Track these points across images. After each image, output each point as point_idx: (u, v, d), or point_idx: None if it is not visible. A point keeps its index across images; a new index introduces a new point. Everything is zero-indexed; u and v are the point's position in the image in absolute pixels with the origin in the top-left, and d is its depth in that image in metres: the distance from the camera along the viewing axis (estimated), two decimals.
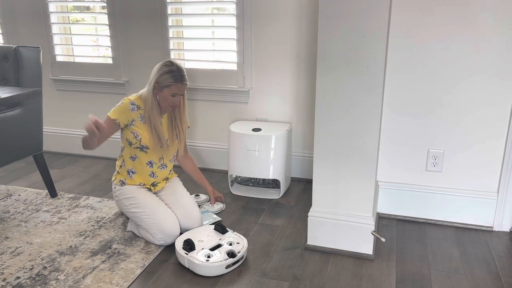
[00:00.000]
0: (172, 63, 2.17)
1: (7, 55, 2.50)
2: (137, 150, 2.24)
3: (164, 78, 2.14)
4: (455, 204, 2.38)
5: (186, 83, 2.19)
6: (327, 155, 2.06)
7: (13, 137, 2.46)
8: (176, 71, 2.15)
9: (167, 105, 2.20)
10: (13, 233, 2.33)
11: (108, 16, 3.14)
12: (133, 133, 2.21)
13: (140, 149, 2.23)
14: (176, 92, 2.16)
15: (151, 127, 2.20)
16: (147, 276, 1.98)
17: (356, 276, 1.97)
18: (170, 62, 2.18)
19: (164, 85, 2.15)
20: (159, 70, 2.16)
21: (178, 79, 2.15)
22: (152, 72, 2.19)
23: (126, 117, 2.19)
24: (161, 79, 2.14)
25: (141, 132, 2.21)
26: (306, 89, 2.87)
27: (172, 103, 2.19)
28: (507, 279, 1.95)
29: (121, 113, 2.18)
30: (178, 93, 2.17)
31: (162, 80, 2.14)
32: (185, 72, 2.19)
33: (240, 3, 2.81)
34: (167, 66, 2.16)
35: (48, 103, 3.43)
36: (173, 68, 2.15)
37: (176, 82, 2.14)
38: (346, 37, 1.88)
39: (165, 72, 2.14)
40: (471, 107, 2.24)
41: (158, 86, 2.16)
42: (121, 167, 2.30)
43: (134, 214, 2.22)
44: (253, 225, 2.43)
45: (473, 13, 2.11)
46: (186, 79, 2.19)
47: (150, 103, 2.18)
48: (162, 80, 2.14)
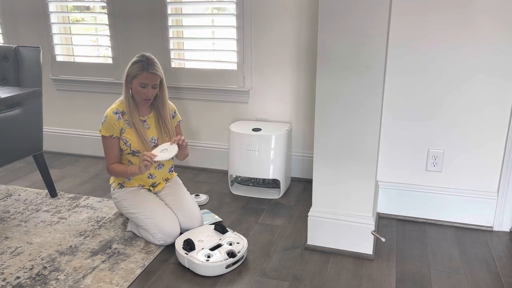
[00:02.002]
0: (144, 54, 2.17)
1: (7, 55, 2.50)
2: (130, 155, 2.24)
3: (132, 68, 2.15)
4: (455, 204, 2.38)
5: (154, 72, 2.14)
6: (327, 155, 2.06)
7: (13, 137, 2.46)
8: (145, 60, 2.14)
9: (140, 98, 2.18)
10: (13, 233, 2.33)
11: (108, 16, 3.14)
12: (123, 139, 2.22)
13: (132, 154, 2.24)
14: (144, 81, 2.13)
15: (135, 128, 2.20)
16: (147, 276, 1.98)
17: (356, 276, 1.98)
18: (142, 54, 2.18)
19: (133, 76, 2.14)
20: (130, 62, 2.17)
21: (145, 68, 2.13)
22: None
23: (116, 128, 2.19)
24: (130, 70, 2.15)
25: (130, 138, 2.21)
26: (306, 89, 2.87)
27: (144, 95, 2.16)
28: (507, 279, 1.95)
29: (110, 127, 2.18)
30: (147, 83, 2.14)
31: (131, 71, 2.15)
32: (155, 63, 2.16)
33: (240, 3, 2.81)
34: (137, 57, 2.17)
35: (48, 103, 3.43)
36: (142, 58, 2.15)
37: (143, 70, 2.12)
38: (346, 37, 1.88)
39: (134, 62, 2.15)
40: (471, 107, 2.24)
41: (129, 79, 2.17)
42: None
43: (133, 215, 2.23)
44: (253, 225, 2.43)
45: (473, 15, 2.11)
46: (154, 68, 2.15)
47: (126, 101, 2.19)
48: (131, 71, 2.15)
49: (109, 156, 2.23)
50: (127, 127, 2.21)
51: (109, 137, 2.19)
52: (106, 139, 2.21)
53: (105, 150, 2.24)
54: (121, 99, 2.25)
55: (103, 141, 2.23)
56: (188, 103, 3.15)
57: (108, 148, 2.22)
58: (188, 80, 3.10)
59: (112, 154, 2.23)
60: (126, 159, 2.26)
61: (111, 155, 2.23)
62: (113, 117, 2.19)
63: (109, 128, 2.19)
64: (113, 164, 2.24)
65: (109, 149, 2.22)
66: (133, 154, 2.24)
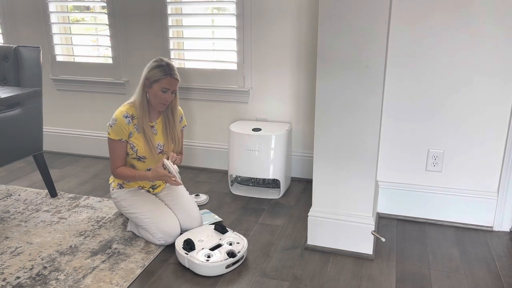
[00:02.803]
0: (162, 59, 2.15)
1: (7, 55, 2.50)
2: (135, 160, 2.23)
3: (153, 73, 2.11)
4: (455, 204, 2.38)
5: (176, 77, 2.15)
6: (327, 155, 2.06)
7: (13, 137, 2.46)
8: (166, 65, 2.12)
9: (158, 103, 2.15)
10: (13, 233, 2.33)
11: (108, 16, 3.14)
12: (130, 144, 2.19)
13: (137, 159, 2.22)
14: (166, 86, 2.12)
15: (144, 134, 2.18)
16: (147, 276, 1.98)
17: (356, 276, 1.98)
18: (160, 59, 2.16)
19: (154, 80, 2.11)
20: (149, 66, 2.14)
21: (168, 73, 2.11)
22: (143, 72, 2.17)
23: (126, 132, 2.16)
24: (150, 74, 2.12)
25: (137, 143, 2.19)
26: (306, 89, 2.87)
27: (164, 100, 2.15)
28: (507, 279, 1.95)
29: (120, 131, 2.15)
30: (168, 88, 2.13)
31: (151, 75, 2.11)
32: (175, 68, 2.16)
33: (240, 3, 2.81)
34: (156, 62, 2.14)
35: (48, 103, 3.44)
36: (162, 63, 2.13)
37: (166, 75, 2.11)
38: (346, 37, 1.88)
39: (155, 67, 2.12)
40: (471, 107, 2.24)
41: (148, 83, 2.13)
42: None
43: (133, 215, 2.22)
44: (253, 225, 2.43)
45: (473, 15, 2.11)
46: (176, 74, 2.15)
47: (141, 105, 2.15)
48: (151, 75, 2.11)
49: (115, 160, 2.20)
50: (136, 131, 2.18)
51: (118, 141, 2.16)
52: (114, 142, 2.17)
53: (112, 153, 2.20)
54: (130, 101, 2.21)
55: (110, 144, 2.19)
56: (188, 103, 3.15)
57: (116, 152, 2.19)
58: (188, 80, 3.10)
59: (119, 157, 2.20)
60: (129, 163, 2.25)
61: (118, 158, 2.20)
62: (123, 121, 2.15)
63: (118, 132, 2.15)
64: (119, 167, 2.21)
65: (117, 153, 2.19)
66: (139, 159, 2.22)
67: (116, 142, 2.17)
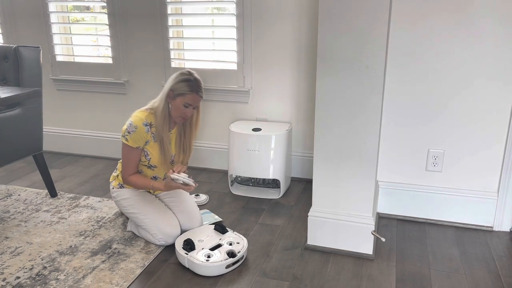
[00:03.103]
0: (191, 73, 2.11)
1: (7, 55, 2.50)
2: (144, 167, 2.22)
3: (180, 86, 2.07)
4: (455, 204, 2.38)
5: (202, 95, 2.11)
6: (327, 155, 2.06)
7: (13, 137, 2.46)
8: (194, 81, 2.08)
9: (178, 116, 2.12)
10: (13, 233, 2.33)
11: (108, 16, 3.14)
12: (145, 152, 2.17)
13: (148, 167, 2.21)
14: (190, 102, 2.09)
15: (160, 144, 2.14)
16: (147, 276, 1.98)
17: (356, 276, 1.98)
18: (189, 72, 2.11)
19: (179, 93, 2.07)
20: (177, 77, 2.09)
21: (194, 89, 2.07)
22: (167, 81, 2.13)
23: (143, 140, 2.13)
24: (176, 86, 2.07)
25: (152, 152, 2.16)
26: (306, 89, 2.87)
27: (184, 114, 2.11)
28: (507, 279, 1.95)
29: (139, 139, 2.11)
30: (191, 104, 2.10)
31: (177, 87, 2.07)
32: (202, 85, 2.12)
33: (240, 3, 2.81)
34: (185, 75, 2.09)
35: (48, 103, 3.44)
36: (191, 78, 2.08)
37: (192, 92, 2.07)
38: (346, 37, 1.88)
39: (182, 80, 2.08)
40: (471, 107, 2.24)
41: (172, 94, 2.08)
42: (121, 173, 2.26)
43: (133, 215, 2.22)
44: (253, 225, 2.43)
45: (474, 16, 2.11)
46: (202, 91, 2.11)
47: (162, 114, 2.10)
48: (177, 88, 2.07)
49: (129, 167, 2.16)
50: (152, 140, 2.15)
51: (135, 149, 2.12)
52: (130, 149, 2.12)
53: (126, 161, 2.15)
54: (149, 108, 2.16)
55: (126, 151, 2.13)
56: None
57: (131, 159, 2.14)
58: None
59: (133, 165, 2.16)
60: (140, 168, 2.22)
61: (132, 166, 2.16)
62: (143, 129, 2.10)
63: (137, 140, 2.10)
64: (132, 175, 2.17)
65: (131, 160, 2.14)
66: (149, 167, 2.21)
67: (133, 150, 2.12)
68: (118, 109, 3.36)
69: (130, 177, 2.18)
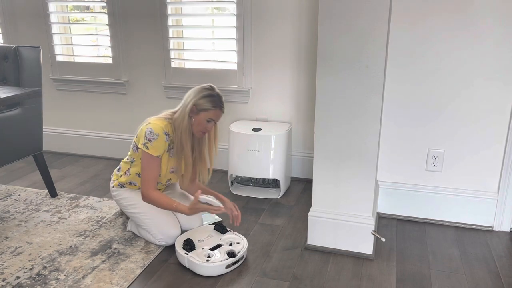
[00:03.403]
0: (213, 88, 2.11)
1: (7, 55, 2.50)
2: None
3: (204, 101, 2.06)
4: (455, 204, 2.38)
5: (224, 110, 2.12)
6: (327, 155, 2.06)
7: (13, 137, 2.46)
8: (216, 96, 2.09)
9: (198, 131, 2.11)
10: (13, 233, 2.33)
11: (108, 16, 3.14)
12: None
13: None
14: (213, 117, 2.09)
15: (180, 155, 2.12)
16: (147, 276, 1.98)
17: (356, 276, 1.98)
18: (211, 87, 2.11)
19: (202, 109, 2.06)
20: (199, 92, 2.08)
21: (218, 105, 2.08)
22: (187, 94, 2.11)
23: (163, 149, 2.11)
24: (200, 101, 2.06)
25: (163, 162, 2.15)
26: (306, 89, 2.87)
27: (205, 129, 2.11)
28: (507, 279, 1.95)
29: (160, 147, 2.08)
30: (213, 120, 2.11)
31: (201, 103, 2.06)
32: (223, 100, 2.12)
33: (240, 3, 2.81)
34: (208, 90, 2.09)
35: (48, 103, 3.44)
36: (214, 93, 2.09)
37: (216, 107, 2.08)
38: (346, 37, 1.88)
39: (206, 95, 2.07)
40: (471, 107, 2.24)
41: (195, 109, 2.07)
42: (125, 174, 2.25)
43: (134, 214, 2.22)
44: (253, 225, 2.43)
45: (473, 16, 2.11)
46: (224, 106, 2.12)
47: (186, 129, 2.08)
48: (201, 103, 2.06)
49: (150, 180, 2.09)
50: (166, 151, 2.13)
51: (156, 158, 2.08)
52: (151, 158, 2.07)
53: (148, 172, 2.09)
54: (167, 117, 2.13)
55: (148, 160, 2.07)
56: None
57: (152, 170, 2.09)
58: (188, 80, 3.10)
59: (154, 177, 2.10)
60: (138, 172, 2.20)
61: (153, 178, 2.10)
62: (163, 138, 2.07)
63: (159, 148, 2.07)
64: (154, 191, 2.11)
65: (153, 171, 2.09)
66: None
67: (154, 159, 2.08)
68: (118, 109, 3.36)
69: (152, 193, 2.11)
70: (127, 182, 2.25)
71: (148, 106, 3.26)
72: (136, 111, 3.31)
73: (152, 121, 2.11)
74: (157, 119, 2.13)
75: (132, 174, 2.22)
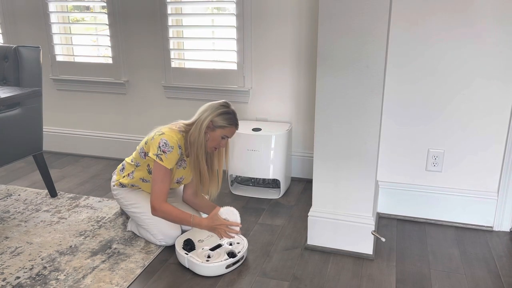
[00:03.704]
0: (229, 105, 2.12)
1: (7, 55, 2.50)
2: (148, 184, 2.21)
3: (221, 118, 2.06)
4: (455, 204, 2.38)
5: (238, 127, 2.14)
6: (327, 155, 2.06)
7: (13, 137, 2.46)
8: (233, 114, 2.10)
9: (211, 146, 2.11)
10: (13, 233, 2.33)
11: (108, 16, 3.14)
12: None
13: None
14: (228, 135, 2.10)
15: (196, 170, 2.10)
16: (147, 276, 1.98)
17: (356, 276, 1.98)
18: (227, 104, 2.11)
19: (219, 125, 2.06)
20: (217, 109, 2.07)
21: (234, 123, 2.09)
22: (203, 110, 2.09)
23: (176, 162, 2.10)
24: (218, 119, 2.06)
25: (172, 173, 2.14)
26: (306, 89, 2.87)
27: (218, 145, 2.12)
28: (507, 279, 1.95)
29: (174, 160, 2.06)
30: (228, 136, 2.12)
31: (218, 120, 2.06)
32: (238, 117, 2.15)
33: (240, 3, 2.81)
34: (225, 107, 2.09)
35: (48, 103, 3.44)
36: (230, 111, 2.09)
37: (231, 125, 2.09)
38: (346, 37, 1.88)
39: (223, 113, 2.07)
40: (471, 107, 2.24)
41: (211, 125, 2.07)
42: (128, 176, 2.24)
43: (134, 214, 2.22)
44: (253, 225, 2.43)
45: (473, 16, 2.11)
46: (238, 124, 2.14)
47: (202, 145, 2.06)
48: (218, 120, 2.06)
49: (161, 192, 2.06)
50: (175, 165, 2.12)
51: (169, 170, 2.06)
52: (166, 171, 2.04)
53: (159, 184, 2.05)
54: (181, 130, 2.11)
55: (160, 172, 2.04)
56: (188, 103, 3.15)
57: (166, 182, 2.06)
58: (188, 80, 3.10)
59: (167, 189, 2.07)
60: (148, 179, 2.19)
61: (166, 190, 2.07)
62: (177, 151, 2.06)
63: (172, 160, 2.05)
64: (166, 204, 2.07)
65: (165, 184, 2.06)
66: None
67: (168, 172, 2.05)
68: (118, 109, 3.36)
69: (164, 206, 2.07)
70: (129, 184, 2.25)
71: (148, 106, 3.27)
72: (136, 111, 3.31)
73: (166, 132, 2.07)
74: (170, 130, 2.09)
75: (135, 178, 2.22)
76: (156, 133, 2.08)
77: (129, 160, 2.26)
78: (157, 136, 2.06)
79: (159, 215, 2.09)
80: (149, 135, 2.13)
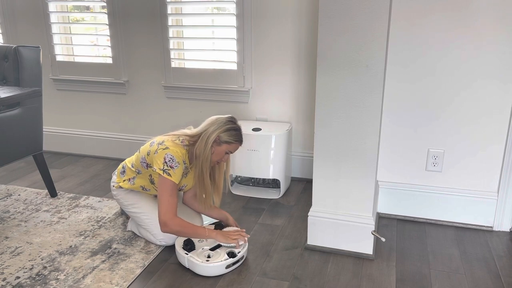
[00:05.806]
0: (236, 120, 2.13)
1: (7, 55, 2.50)
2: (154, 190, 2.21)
3: (228, 134, 2.07)
4: (455, 204, 2.38)
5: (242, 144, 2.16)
6: (327, 155, 2.06)
7: (13, 137, 2.46)
8: (239, 130, 2.11)
9: (215, 160, 2.12)
10: (13, 233, 2.33)
11: (108, 16, 3.14)
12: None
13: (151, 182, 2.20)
14: (232, 150, 2.12)
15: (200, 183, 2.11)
16: (147, 276, 1.98)
17: (356, 276, 1.97)
18: (233, 119, 2.12)
19: (225, 141, 2.07)
20: (224, 124, 2.07)
21: (239, 140, 2.11)
22: (209, 123, 2.09)
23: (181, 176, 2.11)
24: (224, 134, 2.07)
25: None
26: (306, 89, 2.87)
27: (221, 159, 2.13)
28: (507, 279, 1.95)
29: (180, 174, 2.06)
30: (232, 152, 2.14)
31: (225, 135, 2.07)
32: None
33: (240, 3, 2.81)
34: (232, 123, 2.09)
35: (48, 103, 3.44)
36: (237, 127, 2.11)
37: (237, 141, 2.10)
38: (346, 37, 1.88)
39: (231, 129, 2.08)
40: (471, 107, 2.24)
41: (218, 140, 2.07)
42: (129, 182, 2.23)
43: (134, 214, 2.22)
44: (253, 225, 2.43)
45: (474, 16, 2.11)
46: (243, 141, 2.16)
47: (207, 157, 2.05)
48: (224, 136, 2.07)
49: (171, 207, 2.03)
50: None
51: (177, 185, 2.06)
52: (174, 186, 2.03)
53: (168, 199, 2.02)
54: (184, 143, 2.10)
55: (169, 187, 2.02)
56: (188, 103, 3.15)
57: (173, 197, 2.04)
58: (188, 80, 3.10)
59: (175, 203, 2.05)
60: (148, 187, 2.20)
61: (175, 204, 2.04)
62: (183, 166, 2.07)
63: (179, 175, 2.04)
64: (176, 219, 2.03)
65: (174, 197, 2.04)
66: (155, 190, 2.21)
67: (175, 186, 2.04)
68: (118, 109, 3.36)
69: (177, 220, 2.03)
70: (129, 190, 2.25)
71: (148, 106, 3.27)
72: (136, 111, 3.31)
73: (171, 147, 2.04)
74: (174, 145, 2.07)
75: (136, 185, 2.22)
76: (160, 147, 2.05)
77: (129, 164, 2.24)
78: (161, 151, 2.03)
79: (172, 230, 2.03)
80: (152, 147, 2.09)
